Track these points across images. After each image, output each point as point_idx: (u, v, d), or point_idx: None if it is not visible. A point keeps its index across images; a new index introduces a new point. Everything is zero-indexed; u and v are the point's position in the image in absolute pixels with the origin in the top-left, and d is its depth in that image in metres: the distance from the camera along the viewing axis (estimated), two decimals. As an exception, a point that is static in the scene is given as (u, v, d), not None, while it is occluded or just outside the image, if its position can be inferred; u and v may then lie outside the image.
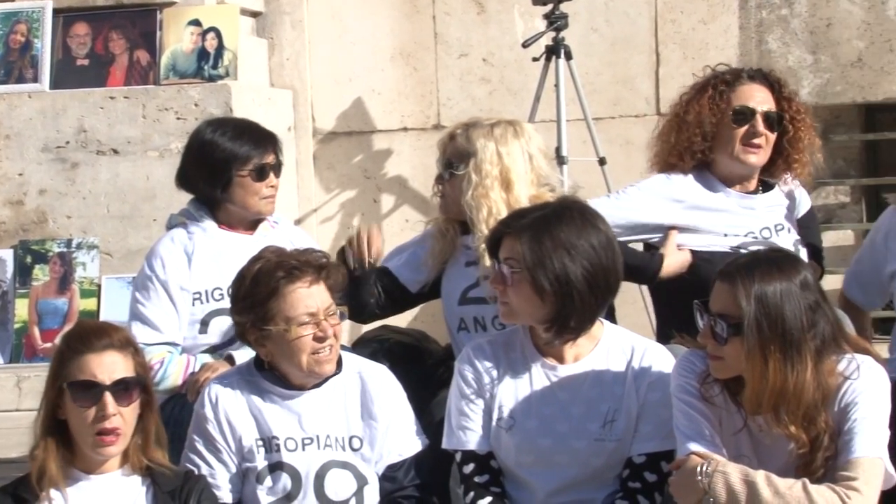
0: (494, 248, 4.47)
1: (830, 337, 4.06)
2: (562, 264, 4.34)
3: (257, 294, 4.46)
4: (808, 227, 5.50)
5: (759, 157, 5.24)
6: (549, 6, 6.83)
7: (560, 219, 4.39)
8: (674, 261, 5.22)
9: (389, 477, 4.56)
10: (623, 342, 4.52)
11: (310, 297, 4.46)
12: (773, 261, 4.10)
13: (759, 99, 5.23)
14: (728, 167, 5.27)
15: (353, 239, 5.28)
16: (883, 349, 4.88)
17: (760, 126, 5.20)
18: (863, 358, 4.12)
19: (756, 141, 5.21)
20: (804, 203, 5.50)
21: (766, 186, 5.36)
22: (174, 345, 5.14)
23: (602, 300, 4.45)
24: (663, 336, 5.17)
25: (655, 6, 7.31)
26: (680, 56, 7.23)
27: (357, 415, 4.55)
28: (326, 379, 4.53)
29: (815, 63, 7.15)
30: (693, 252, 5.24)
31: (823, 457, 4.02)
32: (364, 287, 5.18)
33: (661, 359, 4.49)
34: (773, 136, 5.24)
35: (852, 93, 7.14)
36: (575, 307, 4.36)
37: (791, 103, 5.27)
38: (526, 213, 4.48)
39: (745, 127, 5.20)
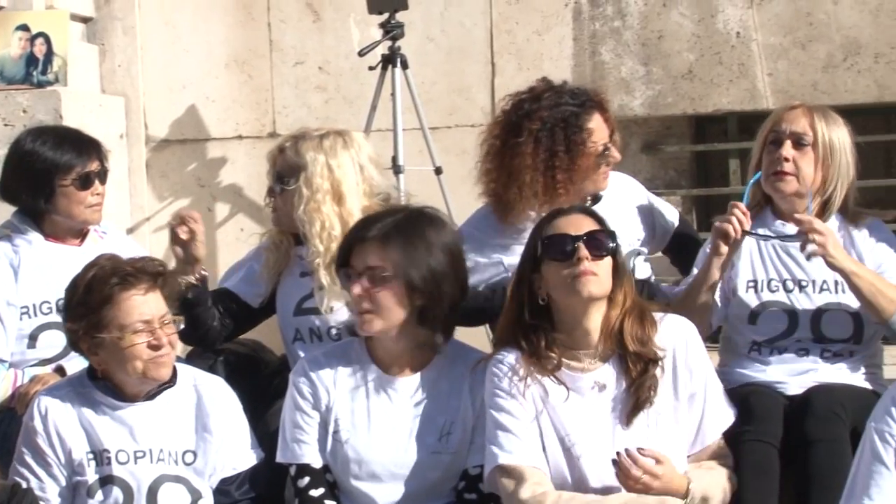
0: (345, 259, 4.45)
1: None
2: (436, 261, 4.40)
3: (90, 301, 4.39)
4: (684, 237, 5.47)
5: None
6: (385, 15, 6.83)
7: (419, 220, 4.45)
8: None
9: (223, 490, 4.52)
10: (459, 354, 4.54)
11: (144, 305, 4.41)
12: None
13: (604, 129, 5.16)
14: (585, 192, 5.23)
15: (181, 223, 5.06)
16: (713, 356, 4.95)
17: (614, 153, 5.19)
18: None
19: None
20: (663, 215, 5.45)
21: (594, 198, 5.27)
22: (1, 361, 5.04)
23: (462, 297, 4.50)
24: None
25: (491, 17, 7.35)
26: (515, 66, 7.27)
27: (191, 428, 4.51)
28: (161, 391, 4.48)
29: (647, 74, 7.23)
30: None
31: (645, 396, 4.27)
32: (203, 312, 5.10)
33: (497, 370, 4.51)
34: None
35: (683, 104, 7.24)
36: (445, 304, 4.40)
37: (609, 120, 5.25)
38: (380, 219, 4.48)
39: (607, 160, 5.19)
